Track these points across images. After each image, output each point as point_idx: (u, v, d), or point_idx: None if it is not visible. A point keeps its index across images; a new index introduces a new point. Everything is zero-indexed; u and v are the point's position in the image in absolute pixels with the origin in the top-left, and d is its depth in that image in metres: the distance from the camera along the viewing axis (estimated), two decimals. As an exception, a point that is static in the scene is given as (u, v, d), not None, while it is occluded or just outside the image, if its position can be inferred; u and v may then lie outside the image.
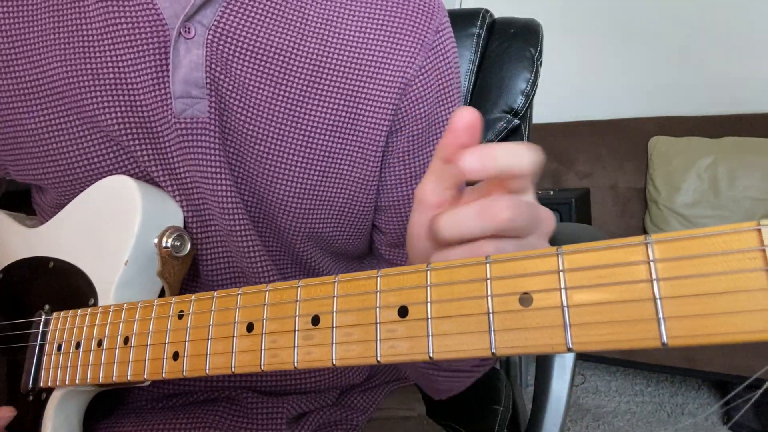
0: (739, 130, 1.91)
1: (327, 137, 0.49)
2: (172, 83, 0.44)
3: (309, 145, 0.48)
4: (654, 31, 2.16)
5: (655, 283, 0.22)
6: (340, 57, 0.48)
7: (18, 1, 0.47)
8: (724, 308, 0.21)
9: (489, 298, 0.26)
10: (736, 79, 2.06)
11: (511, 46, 0.84)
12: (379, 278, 0.29)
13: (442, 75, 0.52)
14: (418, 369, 0.50)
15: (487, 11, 0.88)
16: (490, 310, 0.26)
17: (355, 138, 0.49)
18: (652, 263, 0.22)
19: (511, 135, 0.86)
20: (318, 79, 0.48)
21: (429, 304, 0.28)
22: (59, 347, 0.42)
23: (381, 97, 0.49)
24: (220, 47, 0.45)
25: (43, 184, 0.50)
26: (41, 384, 0.43)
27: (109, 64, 0.45)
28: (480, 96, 0.84)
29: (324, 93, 0.48)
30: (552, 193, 1.86)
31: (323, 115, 0.48)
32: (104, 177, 0.48)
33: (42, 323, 0.45)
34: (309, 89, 0.48)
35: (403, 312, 0.28)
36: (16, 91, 0.47)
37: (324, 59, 0.48)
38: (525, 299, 0.25)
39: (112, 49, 0.45)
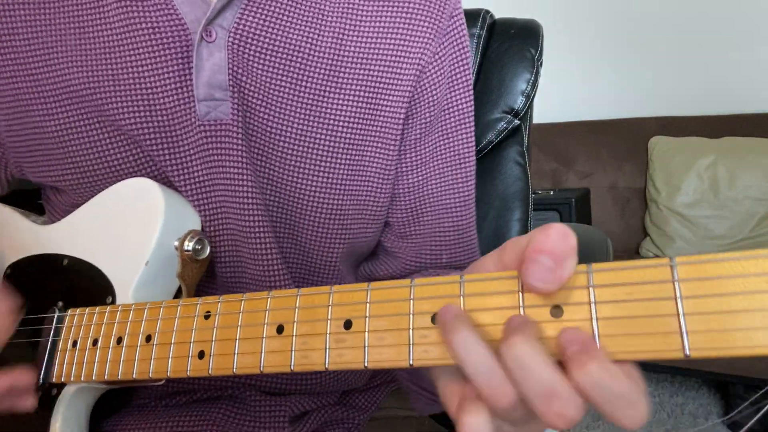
0: (739, 130, 1.91)
1: (349, 129, 0.49)
2: (195, 87, 0.45)
3: (332, 138, 0.49)
4: (654, 31, 2.16)
5: (679, 300, 0.24)
6: (358, 48, 0.49)
7: (36, 6, 0.47)
8: (742, 324, 0.23)
9: (521, 309, 0.27)
10: (736, 79, 2.06)
11: (511, 46, 0.85)
12: (412, 287, 0.30)
13: (455, 61, 0.52)
14: (406, 383, 0.50)
15: (487, 12, 0.88)
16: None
17: (375, 128, 0.50)
18: (676, 282, 0.24)
19: (512, 135, 0.86)
20: (337, 72, 0.48)
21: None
22: (75, 343, 0.42)
23: (398, 84, 0.50)
24: (241, 49, 0.45)
25: (61, 185, 0.50)
26: (53, 379, 0.43)
27: (129, 69, 0.45)
28: (480, 96, 0.85)
29: (343, 85, 0.48)
30: (552, 193, 1.86)
31: (344, 107, 0.49)
32: (121, 178, 0.48)
33: (55, 319, 0.45)
34: (328, 83, 0.48)
35: (436, 319, 0.29)
36: (35, 95, 0.47)
37: (342, 52, 0.48)
38: (556, 311, 0.26)
39: (132, 54, 0.45)
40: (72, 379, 0.42)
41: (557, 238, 0.26)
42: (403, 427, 0.60)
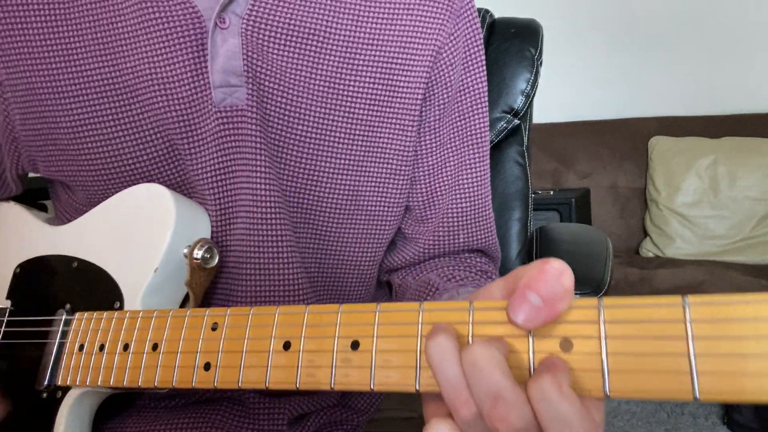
0: (739, 130, 1.92)
1: (366, 111, 0.49)
2: (210, 73, 0.45)
3: (349, 120, 0.49)
4: (655, 31, 2.16)
5: (690, 340, 0.23)
6: (373, 30, 0.49)
7: (50, 1, 0.47)
8: (753, 370, 0.22)
9: (530, 339, 0.27)
10: (736, 79, 2.06)
11: (511, 46, 0.85)
12: (421, 312, 0.30)
13: (469, 41, 0.53)
14: None
15: (487, 11, 0.88)
16: (531, 350, 0.27)
17: (393, 109, 0.50)
18: (688, 323, 0.24)
19: (512, 135, 0.86)
20: (353, 55, 0.48)
21: (471, 338, 0.28)
22: (81, 347, 0.42)
23: (415, 66, 0.50)
24: (255, 34, 0.46)
25: (73, 182, 0.50)
26: (59, 382, 0.43)
27: (146, 59, 0.46)
28: (480, 96, 0.84)
29: (360, 67, 0.49)
30: (552, 193, 1.86)
31: (361, 89, 0.49)
32: (135, 176, 0.48)
33: (63, 322, 0.45)
34: (345, 65, 0.48)
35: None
36: (52, 90, 0.47)
37: (357, 34, 0.48)
38: (565, 344, 0.26)
39: (148, 44, 0.45)
40: (78, 383, 0.42)
41: (552, 277, 0.25)
42: (403, 428, 0.59)
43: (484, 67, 0.54)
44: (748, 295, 0.23)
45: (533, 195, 0.91)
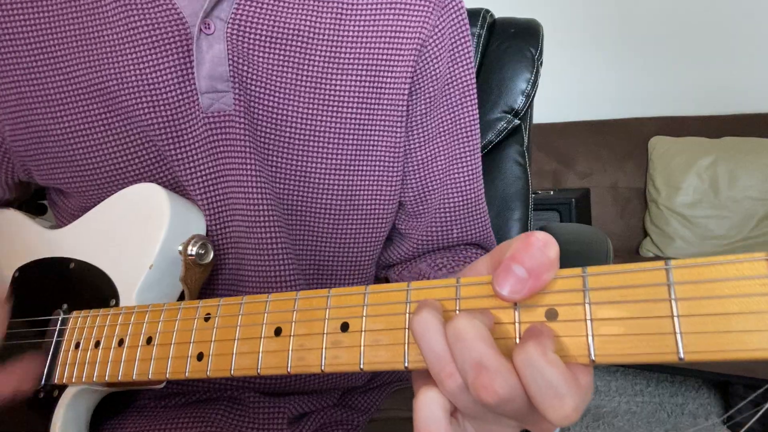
0: (739, 130, 1.91)
1: (354, 110, 0.49)
2: (197, 79, 0.45)
3: (338, 119, 0.49)
4: (654, 31, 2.16)
5: (673, 302, 0.24)
6: (357, 26, 0.49)
7: (36, 10, 0.47)
8: (737, 327, 0.22)
9: (516, 311, 0.27)
10: (736, 79, 2.06)
11: (511, 46, 0.84)
12: (409, 291, 0.30)
13: (455, 34, 0.53)
14: None
15: (487, 11, 0.88)
16: (517, 321, 0.27)
17: (380, 106, 0.50)
18: (671, 285, 0.24)
19: (512, 135, 0.86)
20: (338, 53, 0.48)
21: (458, 313, 0.28)
22: (77, 345, 0.43)
23: (399, 60, 0.50)
24: (240, 39, 0.46)
25: (67, 188, 0.51)
26: (55, 380, 0.43)
27: (133, 66, 0.46)
28: (480, 96, 0.84)
29: (345, 66, 0.48)
30: (552, 193, 1.86)
31: (347, 88, 0.49)
32: (127, 181, 0.49)
33: (60, 321, 0.45)
34: (331, 64, 0.48)
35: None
36: (41, 98, 0.47)
37: (341, 32, 0.48)
38: (550, 314, 0.26)
39: (134, 51, 0.45)
40: (74, 380, 0.42)
41: (537, 249, 0.25)
42: (404, 428, 0.59)
43: (472, 60, 0.54)
44: (729, 256, 0.23)
45: (533, 195, 0.91)
